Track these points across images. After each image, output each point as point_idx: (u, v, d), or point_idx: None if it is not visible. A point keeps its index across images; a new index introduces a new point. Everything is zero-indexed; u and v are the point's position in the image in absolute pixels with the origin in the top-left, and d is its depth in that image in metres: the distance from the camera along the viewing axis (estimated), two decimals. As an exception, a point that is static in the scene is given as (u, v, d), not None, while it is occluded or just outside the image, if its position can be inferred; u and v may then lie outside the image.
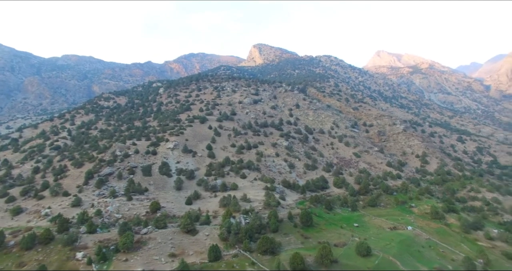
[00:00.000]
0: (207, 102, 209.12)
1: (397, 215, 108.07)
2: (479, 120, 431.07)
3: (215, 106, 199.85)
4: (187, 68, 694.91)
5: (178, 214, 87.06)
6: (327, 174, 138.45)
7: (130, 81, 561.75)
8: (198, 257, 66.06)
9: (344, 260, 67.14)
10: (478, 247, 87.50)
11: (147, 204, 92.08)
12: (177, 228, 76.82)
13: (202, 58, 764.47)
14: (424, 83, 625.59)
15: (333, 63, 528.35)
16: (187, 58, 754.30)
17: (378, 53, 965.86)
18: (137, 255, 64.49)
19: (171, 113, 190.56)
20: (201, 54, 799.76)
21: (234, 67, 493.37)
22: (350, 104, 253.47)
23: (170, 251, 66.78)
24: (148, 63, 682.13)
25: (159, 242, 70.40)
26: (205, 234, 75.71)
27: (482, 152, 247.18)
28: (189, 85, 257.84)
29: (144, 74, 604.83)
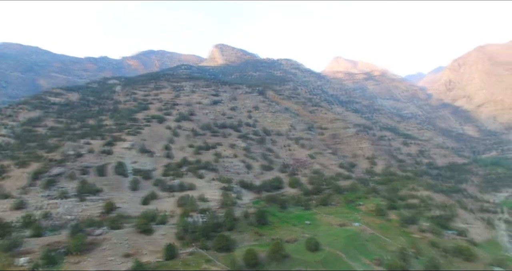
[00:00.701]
0: (165, 101, 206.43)
1: (346, 212, 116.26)
2: (423, 126, 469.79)
3: (174, 106, 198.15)
4: (146, 65, 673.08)
5: (134, 214, 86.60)
6: (283, 175, 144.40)
7: (83, 76, 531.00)
8: (153, 256, 66.87)
9: (295, 254, 71.93)
10: (411, 239, 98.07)
11: (101, 204, 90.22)
12: (132, 228, 76.68)
13: (162, 56, 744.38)
14: (376, 89, 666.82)
15: (293, 67, 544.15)
16: (146, 55, 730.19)
17: (336, 59, 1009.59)
18: (90, 257, 63.56)
19: (128, 112, 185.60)
20: (161, 51, 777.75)
21: (195, 67, 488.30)
22: (307, 107, 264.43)
23: (125, 251, 66.74)
24: (104, 58, 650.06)
25: (114, 242, 69.88)
26: (162, 233, 76.55)
27: (423, 154, 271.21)
28: (147, 84, 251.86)
29: (99, 70, 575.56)
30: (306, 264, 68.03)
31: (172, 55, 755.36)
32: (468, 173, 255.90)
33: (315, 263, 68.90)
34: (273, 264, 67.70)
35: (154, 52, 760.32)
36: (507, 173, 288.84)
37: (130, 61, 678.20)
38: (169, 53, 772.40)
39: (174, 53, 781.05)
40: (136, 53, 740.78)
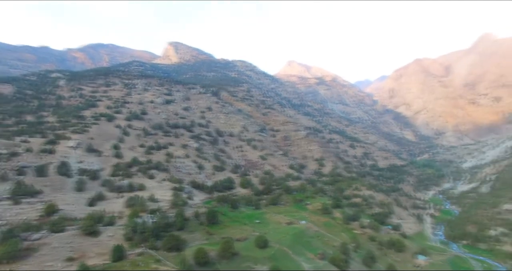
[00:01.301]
0: (116, 99, 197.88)
1: (294, 211, 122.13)
2: (368, 130, 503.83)
3: (124, 104, 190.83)
4: (94, 59, 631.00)
5: (79, 216, 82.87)
6: (235, 175, 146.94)
7: (19, 66, 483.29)
8: (100, 258, 65.08)
9: (244, 252, 74.61)
10: (353, 234, 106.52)
11: (41, 207, 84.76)
12: (77, 230, 73.60)
13: (112, 50, 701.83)
14: (327, 94, 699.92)
15: (248, 69, 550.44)
16: (95, 48, 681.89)
17: (289, 63, 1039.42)
18: (25, 264, 59.23)
19: (73, 109, 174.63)
20: (112, 45, 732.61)
21: (148, 64, 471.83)
22: (260, 109, 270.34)
23: (68, 255, 63.95)
24: (45, 49, 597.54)
25: (54, 247, 66.43)
26: (109, 235, 74.52)
27: (367, 157, 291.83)
28: (96, 80, 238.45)
29: (39, 61, 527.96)
30: (255, 261, 71.01)
31: (124, 51, 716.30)
32: (405, 174, 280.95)
33: (264, 259, 72.17)
34: (223, 262, 69.70)
35: (104, 46, 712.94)
36: (435, 174, 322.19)
37: (76, 54, 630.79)
38: (121, 48, 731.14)
39: (126, 48, 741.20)
40: (82, 46, 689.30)
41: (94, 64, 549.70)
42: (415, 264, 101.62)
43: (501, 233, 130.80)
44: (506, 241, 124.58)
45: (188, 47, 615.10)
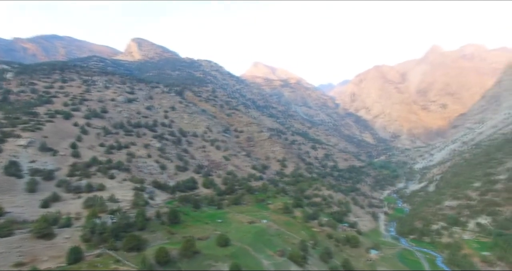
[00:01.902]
0: (73, 96, 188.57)
1: (256, 211, 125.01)
2: (330, 132, 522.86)
3: (83, 102, 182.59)
4: (47, 51, 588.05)
5: (31, 219, 79.09)
6: (197, 175, 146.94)
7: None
8: (54, 261, 62.86)
9: (206, 250, 75.67)
10: (311, 232, 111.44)
11: (-16, 210, 79.59)
12: (28, 234, 70.32)
13: (69, 43, 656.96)
14: (292, 96, 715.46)
15: (213, 69, 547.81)
16: (49, 40, 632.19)
17: (255, 65, 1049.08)
18: (-34, 273, 56.24)
19: (24, 105, 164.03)
20: (68, 38, 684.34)
21: (109, 60, 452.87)
22: (225, 110, 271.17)
23: (17, 260, 60.76)
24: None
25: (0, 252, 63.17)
26: (65, 237, 72.03)
27: (328, 158, 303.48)
28: (51, 74, 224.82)
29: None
30: (216, 259, 72.40)
31: (82, 44, 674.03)
32: (363, 175, 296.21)
33: (225, 257, 73.72)
34: (184, 261, 70.27)
35: (59, 38, 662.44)
36: (390, 174, 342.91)
37: (26, 45, 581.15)
38: (79, 42, 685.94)
39: (85, 42, 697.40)
40: (34, 36, 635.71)
41: (48, 57, 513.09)
42: (368, 258, 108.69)
43: (441, 227, 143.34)
44: (445, 234, 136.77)
45: (152, 44, 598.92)
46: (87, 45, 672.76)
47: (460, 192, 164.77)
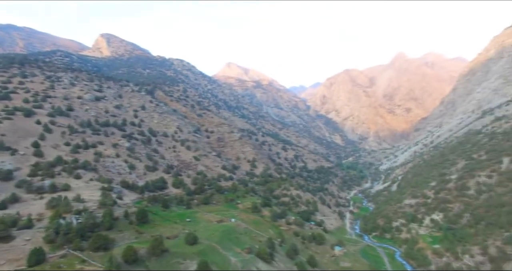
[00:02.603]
0: (35, 92, 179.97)
1: (225, 210, 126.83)
2: (300, 134, 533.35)
3: (46, 99, 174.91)
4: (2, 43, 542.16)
5: (-15, 221, 75.84)
6: (167, 175, 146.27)
7: None
8: (13, 265, 60.84)
9: (174, 249, 76.59)
10: (279, 230, 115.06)
11: None
12: (-19, 237, 67.60)
13: (29, 35, 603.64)
14: (264, 97, 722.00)
15: (185, 68, 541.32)
16: (5, 30, 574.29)
17: (228, 65, 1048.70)
18: None
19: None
20: (29, 29, 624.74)
21: (75, 55, 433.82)
22: (196, 110, 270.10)
23: (-33, 267, 58.83)
24: None
25: None
26: (25, 239, 69.94)
27: (298, 159, 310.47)
28: (8, 68, 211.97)
29: None
30: (185, 256, 73.58)
31: (45, 37, 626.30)
32: (331, 175, 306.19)
33: (193, 254, 75.03)
34: (152, 259, 70.83)
35: (17, 29, 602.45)
36: (357, 175, 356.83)
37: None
38: (41, 34, 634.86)
39: (48, 35, 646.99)
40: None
41: (3, 49, 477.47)
42: (332, 254, 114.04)
43: (401, 223, 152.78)
44: (403, 230, 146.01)
45: (122, 40, 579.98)
46: (50, 38, 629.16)
47: (418, 191, 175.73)
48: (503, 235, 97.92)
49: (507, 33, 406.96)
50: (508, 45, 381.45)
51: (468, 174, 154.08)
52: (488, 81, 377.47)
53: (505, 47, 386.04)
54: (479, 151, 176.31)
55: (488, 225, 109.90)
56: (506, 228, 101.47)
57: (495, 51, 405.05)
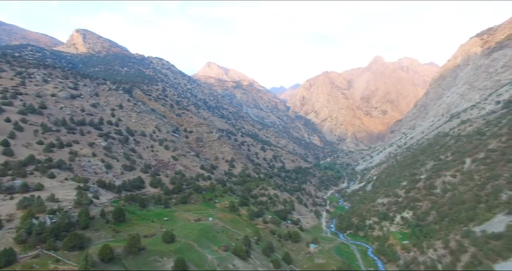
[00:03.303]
0: (4, 89, 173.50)
1: (203, 209, 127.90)
2: (279, 134, 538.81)
3: (17, 96, 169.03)
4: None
5: None
6: (145, 175, 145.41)
7: None
8: (-22, 268, 59.99)
9: (151, 247, 77.29)
10: (256, 229, 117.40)
11: None
12: None
13: None
14: (244, 98, 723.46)
15: (164, 67, 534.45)
16: None
17: (209, 64, 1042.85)
18: None
19: None
20: None
21: (48, 50, 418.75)
22: (175, 110, 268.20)
23: None
24: None
25: None
26: (-6, 240, 68.65)
27: (276, 159, 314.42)
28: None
29: None
30: (162, 254, 74.46)
31: (14, 30, 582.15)
32: (309, 175, 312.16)
33: (170, 252, 76.02)
34: (129, 257, 71.22)
35: None
36: (334, 175, 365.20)
37: None
38: (10, 26, 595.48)
39: (17, 28, 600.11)
40: None
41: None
42: (307, 251, 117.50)
43: (373, 221, 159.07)
44: (376, 228, 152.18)
45: (99, 37, 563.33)
46: (19, 31, 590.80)
47: (391, 190, 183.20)
48: (462, 229, 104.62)
49: (471, 42, 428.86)
50: (472, 54, 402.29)
51: (435, 174, 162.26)
52: (456, 86, 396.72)
53: (470, 56, 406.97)
54: (446, 152, 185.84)
55: (451, 221, 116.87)
56: (465, 223, 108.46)
57: (462, 59, 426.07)
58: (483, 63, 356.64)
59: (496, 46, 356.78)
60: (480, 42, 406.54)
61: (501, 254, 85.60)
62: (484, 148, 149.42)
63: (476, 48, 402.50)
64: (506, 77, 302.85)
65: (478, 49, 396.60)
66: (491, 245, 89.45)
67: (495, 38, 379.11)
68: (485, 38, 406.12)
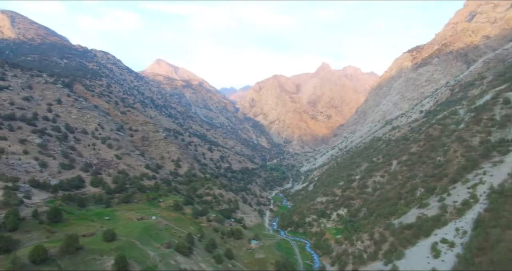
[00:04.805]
0: None
1: (146, 208, 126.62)
2: (228, 135, 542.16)
3: None
4: None
5: None
6: (85, 174, 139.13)
7: None
8: None
9: (90, 246, 75.88)
10: (199, 227, 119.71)
11: None
12: None
13: None
14: (193, 97, 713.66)
15: (110, 61, 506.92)
16: None
17: (158, 62, 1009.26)
18: None
19: None
20: None
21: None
22: (119, 108, 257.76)
23: None
24: None
25: None
26: None
27: (223, 160, 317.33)
28: None
29: None
30: (102, 252, 73.57)
31: None
32: (255, 176, 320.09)
33: (110, 250, 75.40)
34: (65, 257, 69.31)
35: None
36: (280, 176, 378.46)
37: None
38: None
39: None
40: None
41: None
42: (248, 247, 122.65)
43: (312, 219, 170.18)
44: (314, 224, 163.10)
45: (32, 22, 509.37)
46: None
47: (329, 190, 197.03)
48: (385, 222, 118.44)
49: (404, 57, 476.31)
50: (404, 67, 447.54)
51: (368, 175, 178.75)
52: (390, 95, 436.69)
53: (402, 69, 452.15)
54: (378, 155, 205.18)
55: (377, 216, 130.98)
56: (388, 217, 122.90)
57: (396, 71, 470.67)
58: (412, 76, 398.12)
59: (422, 62, 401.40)
60: (411, 57, 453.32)
61: (411, 240, 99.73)
62: (407, 151, 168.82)
63: (408, 63, 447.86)
64: (429, 90, 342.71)
65: (409, 64, 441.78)
66: (404, 234, 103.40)
67: (421, 55, 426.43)
68: (414, 54, 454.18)
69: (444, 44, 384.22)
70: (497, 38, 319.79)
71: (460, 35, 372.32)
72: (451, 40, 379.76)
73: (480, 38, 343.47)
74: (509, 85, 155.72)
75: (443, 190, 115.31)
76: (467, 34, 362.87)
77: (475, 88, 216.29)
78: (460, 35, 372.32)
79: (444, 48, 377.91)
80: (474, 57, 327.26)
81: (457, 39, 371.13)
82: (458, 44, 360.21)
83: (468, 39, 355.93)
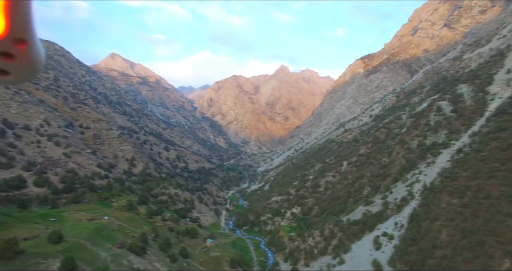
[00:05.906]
0: None
1: (98, 209, 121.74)
2: (185, 134, 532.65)
3: None
4: None
5: None
6: (27, 173, 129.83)
7: None
8: None
9: (33, 249, 72.04)
10: (153, 226, 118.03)
11: None
12: None
13: None
14: (149, 95, 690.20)
15: (58, 53, 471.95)
16: None
17: (113, 56, 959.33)
18: None
19: None
20: None
21: None
22: (69, 103, 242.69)
23: None
24: None
25: None
26: None
27: (180, 159, 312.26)
28: None
29: None
30: (46, 255, 70.22)
31: None
32: (212, 176, 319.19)
33: (56, 253, 72.12)
34: (1, 263, 65.17)
35: None
36: (237, 176, 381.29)
37: None
38: None
39: None
40: None
41: None
42: (204, 246, 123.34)
43: (267, 217, 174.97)
44: (269, 223, 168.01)
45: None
46: None
47: (284, 189, 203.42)
48: (335, 219, 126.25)
49: (357, 63, 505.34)
50: (357, 73, 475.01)
51: (320, 175, 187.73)
52: (344, 99, 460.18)
53: (355, 75, 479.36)
54: (330, 156, 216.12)
55: (328, 213, 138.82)
56: (338, 215, 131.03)
57: (350, 76, 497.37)
58: (363, 82, 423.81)
59: (373, 69, 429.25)
60: (363, 64, 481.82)
61: (357, 235, 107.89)
62: (356, 152, 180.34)
63: (360, 69, 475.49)
64: (378, 96, 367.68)
65: (361, 70, 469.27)
66: (352, 230, 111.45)
67: (373, 63, 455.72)
68: (366, 61, 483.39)
69: (392, 54, 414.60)
70: (434, 52, 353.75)
71: (405, 47, 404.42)
72: (398, 51, 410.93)
73: (421, 51, 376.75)
74: (441, 95, 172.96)
75: (386, 189, 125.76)
76: (411, 47, 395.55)
77: (416, 96, 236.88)
78: (405, 47, 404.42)
79: (392, 57, 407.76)
80: (416, 67, 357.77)
81: (403, 50, 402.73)
82: (404, 55, 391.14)
83: (412, 51, 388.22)
